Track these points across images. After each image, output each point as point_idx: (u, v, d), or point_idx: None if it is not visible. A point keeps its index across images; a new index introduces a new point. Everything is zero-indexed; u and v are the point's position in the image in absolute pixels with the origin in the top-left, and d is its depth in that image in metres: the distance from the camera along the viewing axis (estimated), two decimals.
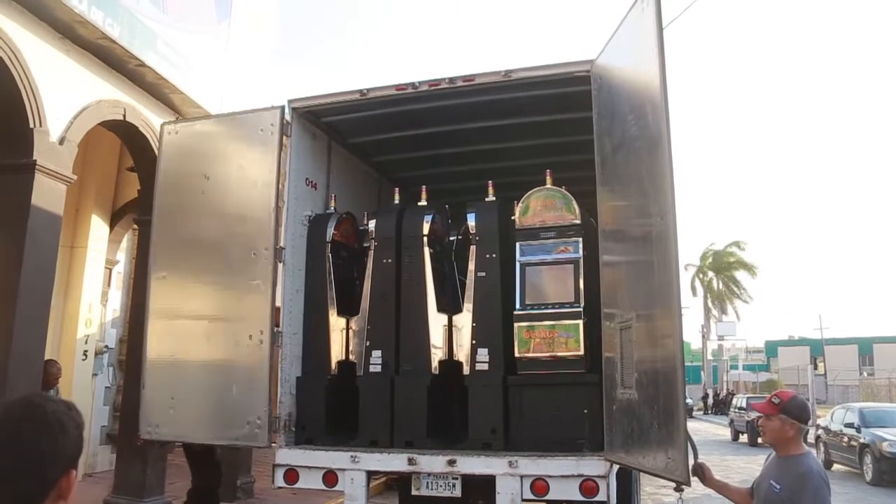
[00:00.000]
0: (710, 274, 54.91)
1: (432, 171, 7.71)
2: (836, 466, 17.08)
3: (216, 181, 6.20)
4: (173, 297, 6.24)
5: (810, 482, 3.47)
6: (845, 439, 16.35)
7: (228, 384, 5.81)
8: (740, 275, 53.57)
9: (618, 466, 5.07)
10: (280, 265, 5.91)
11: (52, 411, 1.62)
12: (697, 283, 55.10)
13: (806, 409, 3.78)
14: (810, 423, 3.97)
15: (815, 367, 43.05)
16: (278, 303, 5.93)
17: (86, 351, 11.12)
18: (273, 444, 5.71)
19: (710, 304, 54.65)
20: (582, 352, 5.31)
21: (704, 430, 30.73)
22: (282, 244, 5.95)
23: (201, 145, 6.47)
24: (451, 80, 5.86)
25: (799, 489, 3.49)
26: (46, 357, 7.61)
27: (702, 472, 4.05)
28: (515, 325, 5.49)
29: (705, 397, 47.64)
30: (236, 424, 5.73)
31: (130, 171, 10.29)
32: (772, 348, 63.65)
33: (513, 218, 5.79)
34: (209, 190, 6.19)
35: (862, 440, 15.33)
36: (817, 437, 18.49)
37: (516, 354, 5.48)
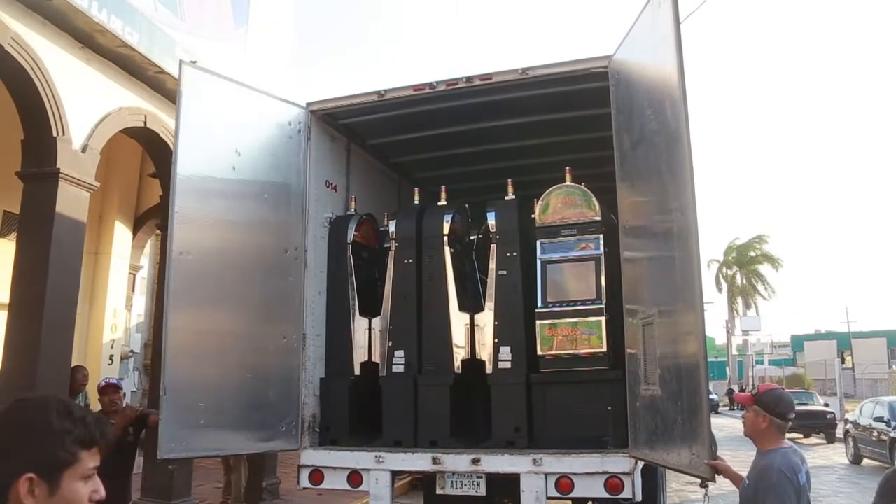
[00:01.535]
0: (734, 269, 54.43)
1: (451, 171, 7.71)
2: (865, 461, 16.89)
3: (247, 160, 5.75)
4: (199, 286, 5.39)
5: (768, 477, 3.38)
6: (875, 434, 16.13)
7: (264, 387, 5.66)
8: (764, 269, 53.07)
9: (643, 463, 5.04)
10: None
11: (22, 409, 1.55)
12: (721, 279, 54.62)
13: (780, 402, 3.61)
14: (790, 417, 3.71)
15: (843, 361, 42.46)
16: None
17: (112, 356, 11.27)
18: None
19: (733, 298, 54.17)
20: (605, 349, 5.29)
21: (731, 425, 30.44)
22: (305, 246, 5.99)
23: (230, 112, 5.75)
24: (469, 79, 5.86)
25: (760, 485, 3.41)
26: (73, 363, 7.71)
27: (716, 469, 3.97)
28: (537, 322, 5.48)
29: (730, 393, 47.25)
30: (273, 429, 5.68)
31: (152, 177, 10.41)
32: (798, 342, 62.88)
33: (533, 216, 5.78)
34: (241, 168, 5.69)
35: (892, 434, 15.11)
36: (846, 432, 18.28)
37: (539, 352, 5.47)
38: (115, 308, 11.43)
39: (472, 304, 5.98)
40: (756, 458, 3.65)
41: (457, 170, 7.79)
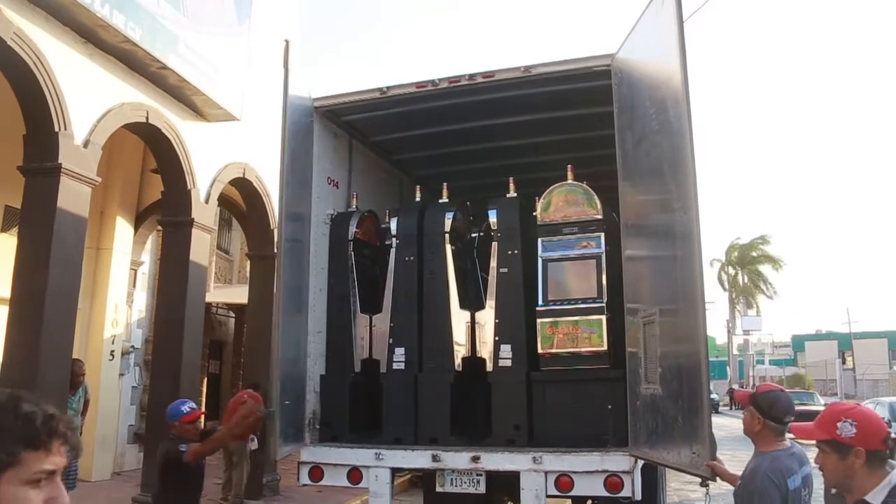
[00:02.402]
0: (736, 268, 54.32)
1: (453, 168, 7.70)
2: None
3: (301, 149, 6.00)
4: (290, 282, 5.76)
5: (754, 481, 3.29)
6: None
7: (302, 383, 5.84)
8: (766, 269, 52.96)
9: (643, 462, 5.04)
10: None
11: None
12: (724, 278, 54.51)
13: (776, 405, 3.42)
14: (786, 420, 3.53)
15: (844, 362, 42.49)
16: None
17: (112, 351, 11.26)
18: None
19: (734, 298, 54.09)
20: (605, 347, 5.29)
21: (731, 425, 30.42)
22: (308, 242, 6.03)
23: (300, 97, 6.06)
24: (471, 76, 5.86)
25: (748, 488, 3.33)
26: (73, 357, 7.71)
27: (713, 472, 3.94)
28: (538, 321, 5.48)
29: (731, 392, 47.09)
30: (300, 426, 5.74)
31: (154, 172, 10.39)
32: (799, 343, 62.93)
33: (534, 214, 5.78)
34: (298, 155, 5.92)
35: (893, 435, 15.05)
36: None
37: (539, 350, 5.47)
38: (116, 303, 11.42)
39: (472, 302, 5.98)
40: (751, 457, 3.56)
41: (459, 167, 7.78)
